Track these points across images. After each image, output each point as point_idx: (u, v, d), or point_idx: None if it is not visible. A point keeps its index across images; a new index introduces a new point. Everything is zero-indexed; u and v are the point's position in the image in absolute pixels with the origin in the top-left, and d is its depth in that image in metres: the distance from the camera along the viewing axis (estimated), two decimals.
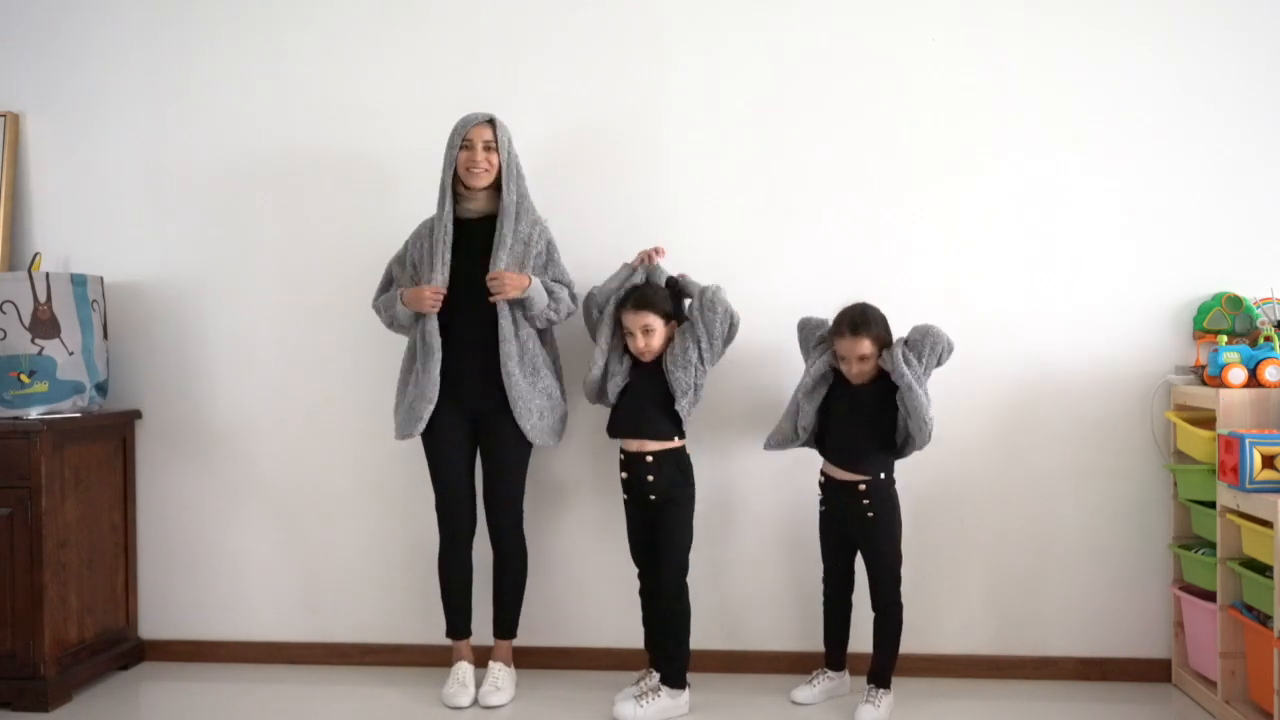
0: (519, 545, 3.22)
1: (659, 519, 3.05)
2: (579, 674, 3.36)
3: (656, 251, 3.14)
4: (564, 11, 3.42)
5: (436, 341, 3.06)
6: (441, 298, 3.05)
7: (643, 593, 3.16)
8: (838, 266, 3.34)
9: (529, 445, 3.17)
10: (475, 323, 3.07)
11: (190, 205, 3.52)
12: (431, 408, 3.07)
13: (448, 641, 3.24)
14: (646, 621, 3.15)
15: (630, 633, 3.27)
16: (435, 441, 3.14)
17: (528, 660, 3.34)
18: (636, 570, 3.16)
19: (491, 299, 3.04)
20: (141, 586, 3.55)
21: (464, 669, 3.18)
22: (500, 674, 3.18)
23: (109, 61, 3.54)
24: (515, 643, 3.27)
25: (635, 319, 3.04)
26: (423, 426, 3.09)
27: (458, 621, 3.22)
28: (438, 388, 3.06)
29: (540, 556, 3.37)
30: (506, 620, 3.23)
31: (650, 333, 3.03)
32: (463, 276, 3.07)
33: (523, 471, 3.21)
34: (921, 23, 3.34)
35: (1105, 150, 3.31)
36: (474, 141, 3.07)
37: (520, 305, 3.07)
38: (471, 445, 3.19)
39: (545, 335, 3.21)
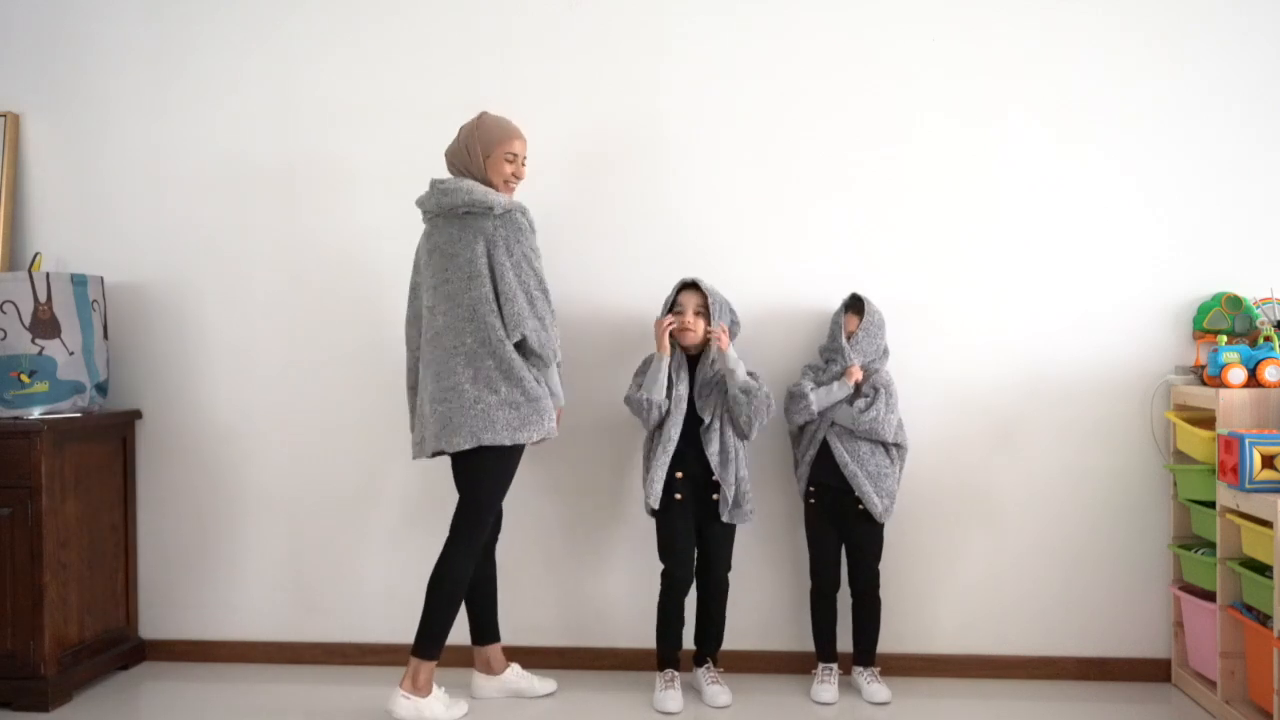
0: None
1: (719, 521, 3.14)
2: (588, 674, 3.37)
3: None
4: (565, 11, 3.42)
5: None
6: None
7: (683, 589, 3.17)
8: (838, 262, 3.34)
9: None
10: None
11: (190, 205, 3.52)
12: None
13: (448, 642, 3.22)
14: (676, 619, 3.16)
15: (636, 635, 3.32)
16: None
17: (537, 661, 3.34)
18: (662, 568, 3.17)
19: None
20: (141, 586, 3.55)
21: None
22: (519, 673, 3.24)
23: (109, 61, 3.53)
24: (527, 643, 3.37)
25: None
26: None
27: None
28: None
29: (553, 559, 3.41)
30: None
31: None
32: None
33: None
34: (921, 22, 3.34)
35: (1105, 151, 3.31)
36: (517, 156, 3.02)
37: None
38: None
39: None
